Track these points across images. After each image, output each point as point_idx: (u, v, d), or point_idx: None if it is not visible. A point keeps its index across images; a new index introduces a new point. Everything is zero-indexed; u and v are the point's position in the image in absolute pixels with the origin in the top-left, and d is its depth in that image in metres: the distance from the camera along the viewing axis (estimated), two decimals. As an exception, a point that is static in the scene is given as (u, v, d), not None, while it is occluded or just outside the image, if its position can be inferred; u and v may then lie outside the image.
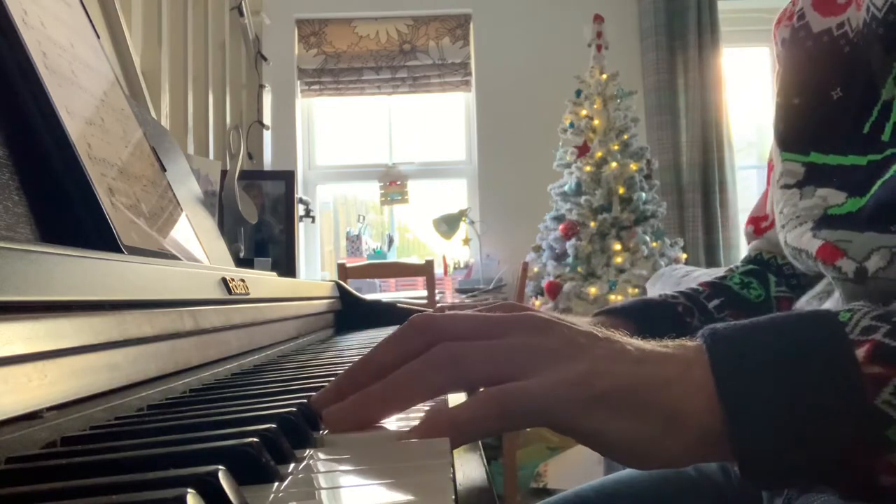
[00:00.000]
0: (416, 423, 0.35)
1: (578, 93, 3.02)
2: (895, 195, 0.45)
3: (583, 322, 0.54)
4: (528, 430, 2.57)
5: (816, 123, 0.54)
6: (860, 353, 0.32)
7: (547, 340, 0.36)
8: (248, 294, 0.65)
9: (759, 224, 0.72)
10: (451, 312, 0.39)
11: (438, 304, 2.26)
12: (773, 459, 0.32)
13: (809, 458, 0.32)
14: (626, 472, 0.72)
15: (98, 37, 0.69)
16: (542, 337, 0.36)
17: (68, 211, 0.49)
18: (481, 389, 0.35)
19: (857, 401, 0.31)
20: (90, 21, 0.68)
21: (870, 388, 0.31)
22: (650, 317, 0.64)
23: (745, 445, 0.32)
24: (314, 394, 0.41)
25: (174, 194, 0.74)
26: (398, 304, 1.21)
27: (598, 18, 3.04)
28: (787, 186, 0.56)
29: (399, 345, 0.38)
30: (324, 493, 0.27)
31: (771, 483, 0.33)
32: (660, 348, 0.36)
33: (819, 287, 0.61)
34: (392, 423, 0.38)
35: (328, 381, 0.44)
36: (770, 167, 0.68)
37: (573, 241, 2.83)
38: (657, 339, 0.37)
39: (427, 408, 0.41)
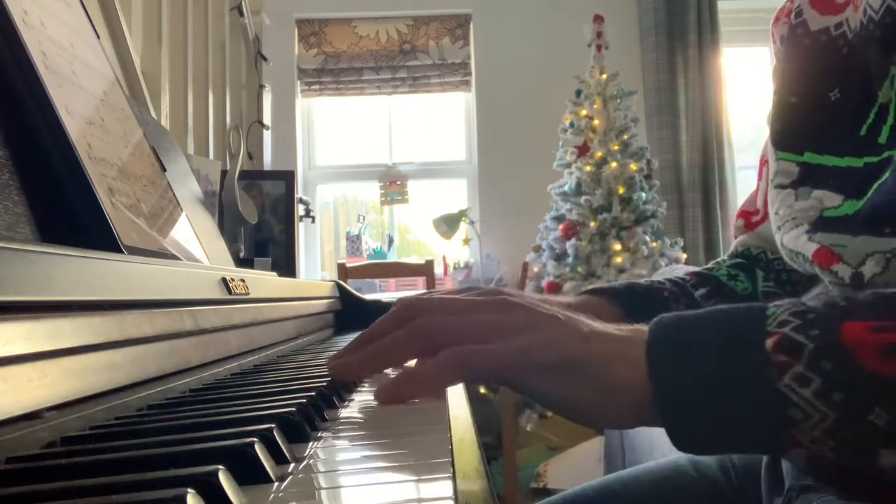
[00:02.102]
0: None
1: (578, 93, 3.02)
2: (891, 198, 0.45)
3: (566, 300, 0.58)
4: (529, 430, 2.57)
5: (813, 124, 0.54)
6: (769, 342, 0.36)
7: (510, 317, 0.43)
8: (248, 294, 0.65)
9: (750, 218, 0.72)
10: (436, 295, 0.47)
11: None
12: (694, 430, 0.37)
13: (728, 431, 0.37)
14: (627, 472, 0.72)
15: (98, 37, 0.69)
16: (505, 314, 0.43)
17: (68, 211, 0.49)
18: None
19: (765, 383, 0.36)
20: (90, 21, 0.68)
21: (775, 374, 0.35)
22: (635, 301, 0.64)
23: (669, 418, 0.38)
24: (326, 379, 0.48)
25: (174, 194, 0.74)
26: (398, 304, 1.21)
27: (598, 18, 3.04)
28: (781, 186, 0.56)
29: (391, 319, 0.47)
30: (324, 493, 0.27)
31: (696, 449, 0.39)
32: (613, 330, 0.41)
33: (818, 289, 0.61)
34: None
35: (328, 381, 0.47)
36: (762, 162, 0.68)
37: (573, 241, 2.83)
38: (628, 324, 0.42)
39: None
